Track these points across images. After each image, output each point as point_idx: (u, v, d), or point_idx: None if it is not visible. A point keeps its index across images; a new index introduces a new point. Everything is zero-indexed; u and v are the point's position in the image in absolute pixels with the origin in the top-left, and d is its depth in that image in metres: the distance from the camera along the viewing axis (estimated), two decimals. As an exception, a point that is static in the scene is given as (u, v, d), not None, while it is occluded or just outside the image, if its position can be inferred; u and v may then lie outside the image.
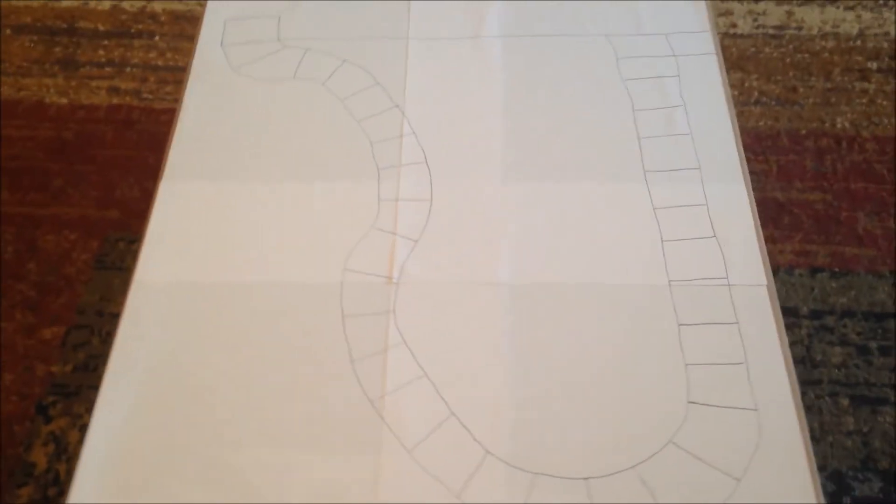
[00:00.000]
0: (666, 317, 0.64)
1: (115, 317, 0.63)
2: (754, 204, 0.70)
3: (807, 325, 0.80)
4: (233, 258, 0.66)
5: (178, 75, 1.22)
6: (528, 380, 0.62)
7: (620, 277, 0.66)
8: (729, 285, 0.66)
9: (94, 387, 0.60)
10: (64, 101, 1.19)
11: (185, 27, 1.30)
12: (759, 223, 0.68)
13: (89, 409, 0.58)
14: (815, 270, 0.85)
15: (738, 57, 1.11)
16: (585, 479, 0.58)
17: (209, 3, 0.84)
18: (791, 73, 1.10)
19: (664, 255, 0.67)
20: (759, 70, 1.09)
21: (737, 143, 0.73)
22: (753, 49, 1.12)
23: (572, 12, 0.84)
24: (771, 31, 1.14)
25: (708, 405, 0.60)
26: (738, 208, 0.70)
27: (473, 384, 0.61)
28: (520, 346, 0.63)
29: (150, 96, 1.21)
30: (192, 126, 0.74)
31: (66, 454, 0.78)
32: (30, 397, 0.82)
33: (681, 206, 0.70)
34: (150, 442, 0.58)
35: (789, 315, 0.80)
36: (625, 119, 0.75)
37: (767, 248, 0.69)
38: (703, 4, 0.84)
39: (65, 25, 1.27)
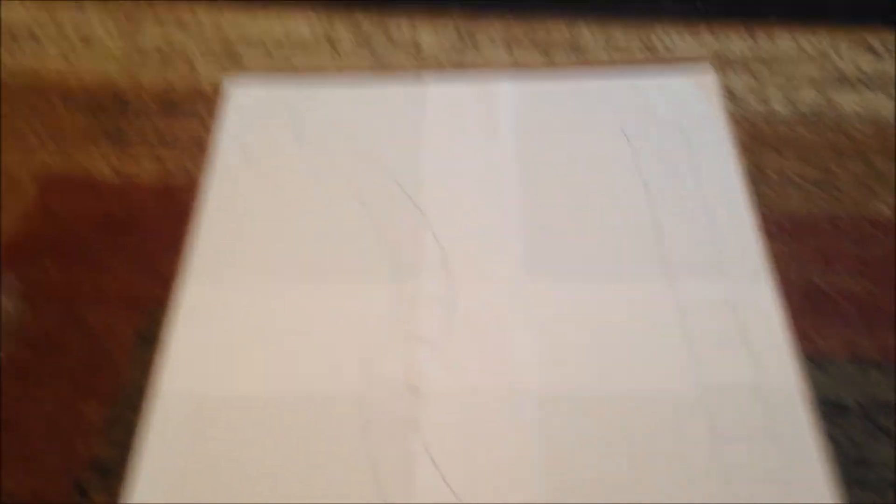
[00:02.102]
0: (698, 425, 0.62)
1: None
2: (781, 299, 0.67)
3: (854, 418, 0.78)
4: (248, 369, 0.66)
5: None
6: (560, 497, 0.60)
7: (647, 386, 0.65)
8: (761, 390, 0.64)
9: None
10: (111, 174, 1.22)
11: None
12: (787, 321, 0.66)
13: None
14: (859, 361, 0.84)
15: (773, 139, 1.12)
16: None
17: (227, 105, 0.86)
18: (827, 156, 1.10)
19: (691, 359, 0.65)
20: (796, 153, 1.10)
21: (758, 235, 0.71)
22: (790, 132, 1.12)
23: (583, 101, 0.83)
24: (807, 114, 1.14)
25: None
26: (765, 305, 0.68)
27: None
28: (550, 462, 0.61)
29: (198, 172, 1.23)
30: (210, 229, 0.74)
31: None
32: (68, 474, 0.82)
33: (705, 303, 0.68)
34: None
35: (833, 407, 0.78)
36: (641, 212, 0.74)
37: (805, 338, 0.67)
38: (711, 88, 0.84)
39: (113, 99, 1.31)
